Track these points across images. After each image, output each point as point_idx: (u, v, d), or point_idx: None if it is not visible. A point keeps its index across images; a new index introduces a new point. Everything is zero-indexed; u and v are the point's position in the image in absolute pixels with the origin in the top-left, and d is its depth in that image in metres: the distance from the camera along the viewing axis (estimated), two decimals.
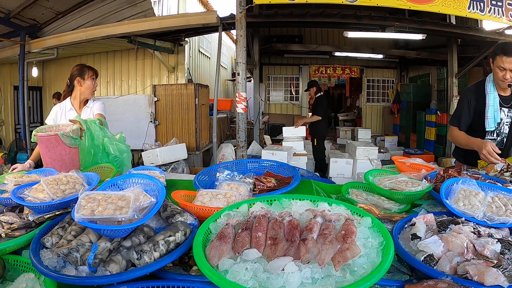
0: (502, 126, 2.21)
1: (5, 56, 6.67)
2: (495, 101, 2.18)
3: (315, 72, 10.27)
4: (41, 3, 5.65)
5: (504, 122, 2.21)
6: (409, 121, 9.20)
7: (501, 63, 2.06)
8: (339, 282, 0.85)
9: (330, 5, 5.09)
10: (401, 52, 8.91)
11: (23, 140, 6.49)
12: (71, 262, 0.99)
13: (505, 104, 2.20)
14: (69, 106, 2.56)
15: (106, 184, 1.32)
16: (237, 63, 4.45)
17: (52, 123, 2.47)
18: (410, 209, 1.56)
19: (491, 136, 2.25)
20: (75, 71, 2.57)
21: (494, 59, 2.13)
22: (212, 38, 10.71)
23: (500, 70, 2.08)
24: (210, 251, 0.96)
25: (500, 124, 2.21)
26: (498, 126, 2.21)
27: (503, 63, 2.05)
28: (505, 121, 2.20)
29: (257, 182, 1.74)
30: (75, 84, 2.56)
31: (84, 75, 2.54)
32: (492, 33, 5.76)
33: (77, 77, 2.55)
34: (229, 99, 9.47)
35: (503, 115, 2.20)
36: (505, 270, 0.92)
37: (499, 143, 2.23)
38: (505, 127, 2.21)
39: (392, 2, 4.37)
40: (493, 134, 2.25)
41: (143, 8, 5.96)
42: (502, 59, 2.05)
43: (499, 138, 2.25)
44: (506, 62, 2.04)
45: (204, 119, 6.36)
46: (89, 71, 2.57)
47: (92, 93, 2.62)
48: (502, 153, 2.13)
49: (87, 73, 2.55)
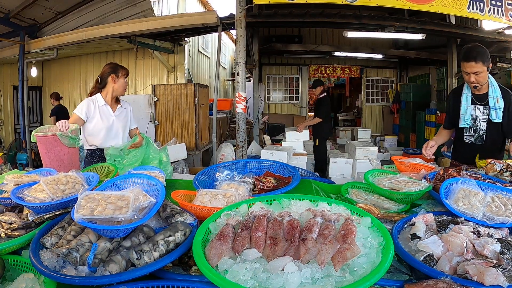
0: (478, 123, 2.33)
1: (4, 56, 6.67)
2: (468, 99, 2.32)
3: (314, 72, 10.27)
4: (40, 3, 5.65)
5: (480, 119, 2.32)
6: (409, 121, 9.20)
7: (464, 68, 2.20)
8: (338, 282, 0.85)
9: (330, 5, 5.10)
10: (400, 52, 8.91)
11: (22, 140, 6.49)
12: (70, 262, 0.99)
13: (479, 102, 2.31)
14: (102, 102, 2.60)
15: (105, 184, 1.32)
16: (237, 63, 4.45)
17: (84, 115, 2.51)
18: (409, 209, 1.56)
19: (469, 132, 2.39)
20: (108, 69, 2.64)
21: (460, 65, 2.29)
22: (211, 38, 10.71)
23: (466, 74, 2.22)
24: (210, 251, 0.96)
25: (476, 121, 2.33)
26: (475, 123, 2.34)
27: (465, 68, 2.19)
28: (481, 118, 2.31)
29: (257, 182, 1.74)
30: (108, 81, 2.61)
31: (118, 73, 2.62)
32: (492, 33, 5.77)
33: (112, 74, 2.61)
34: (228, 99, 9.47)
35: (479, 113, 2.32)
36: (504, 270, 0.93)
37: (477, 139, 2.36)
38: (482, 123, 2.32)
39: (391, 2, 4.37)
40: (470, 131, 2.39)
41: (142, 8, 5.95)
42: (464, 64, 2.19)
43: (477, 134, 2.37)
44: (467, 67, 2.17)
45: (203, 119, 6.36)
46: (122, 69, 2.65)
47: (124, 91, 2.70)
48: (484, 148, 2.31)
49: (120, 72, 2.63)
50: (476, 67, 2.14)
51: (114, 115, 2.64)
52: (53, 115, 6.76)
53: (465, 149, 2.41)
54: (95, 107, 2.56)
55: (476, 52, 2.14)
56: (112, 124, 2.62)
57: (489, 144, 2.32)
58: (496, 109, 2.23)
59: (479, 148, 2.32)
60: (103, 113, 2.59)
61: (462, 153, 2.44)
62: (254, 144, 7.20)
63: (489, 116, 2.27)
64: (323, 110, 5.88)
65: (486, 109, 2.29)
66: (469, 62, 2.15)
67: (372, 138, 8.95)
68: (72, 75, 8.45)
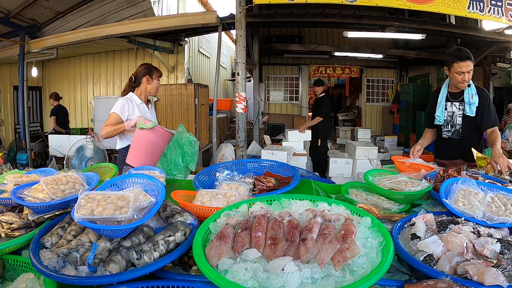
0: (455, 119, 2.47)
1: (4, 56, 6.67)
2: (442, 98, 2.49)
3: (314, 72, 10.27)
4: (40, 3, 5.65)
5: (456, 114, 2.46)
6: (409, 121, 9.20)
7: (459, 68, 2.30)
8: (338, 282, 0.85)
9: (330, 5, 5.09)
10: (400, 52, 8.91)
11: (22, 140, 6.49)
12: (70, 262, 0.99)
13: (454, 99, 2.46)
14: (138, 100, 2.67)
15: (105, 184, 1.32)
16: (237, 63, 4.44)
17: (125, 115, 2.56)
18: (409, 209, 1.56)
19: (446, 128, 2.52)
20: (143, 69, 2.69)
21: (451, 67, 2.36)
22: (211, 38, 10.71)
23: (459, 74, 2.31)
24: (210, 251, 0.96)
25: (453, 117, 2.47)
26: (451, 119, 2.48)
27: (460, 68, 2.29)
28: (457, 113, 2.45)
29: (257, 182, 1.74)
30: (142, 81, 2.67)
31: (152, 74, 2.68)
32: (492, 33, 5.77)
33: (147, 76, 2.67)
34: (228, 99, 9.47)
35: (455, 109, 2.46)
36: (504, 270, 0.93)
37: (454, 133, 2.49)
38: (458, 118, 2.46)
39: (391, 2, 4.37)
40: (447, 126, 2.52)
41: (142, 8, 5.95)
42: (459, 64, 2.29)
43: (453, 129, 2.49)
44: (463, 66, 2.28)
45: (203, 119, 6.36)
46: (156, 71, 2.71)
47: (156, 92, 2.78)
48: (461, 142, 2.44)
49: (155, 73, 2.69)
50: (471, 65, 2.29)
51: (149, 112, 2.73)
52: (52, 115, 6.77)
53: (444, 145, 2.55)
54: (133, 106, 2.62)
55: (468, 52, 2.31)
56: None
57: (466, 138, 2.43)
58: (470, 104, 2.36)
59: (457, 142, 2.47)
60: (141, 111, 2.65)
61: (442, 149, 2.57)
62: (254, 144, 7.21)
63: (464, 111, 2.40)
64: (324, 109, 5.87)
65: (461, 105, 2.42)
66: (465, 61, 2.28)
67: (372, 138, 8.95)
68: (72, 75, 8.45)
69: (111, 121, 2.53)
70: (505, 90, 7.77)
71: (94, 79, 8.32)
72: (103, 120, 6.89)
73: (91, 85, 8.37)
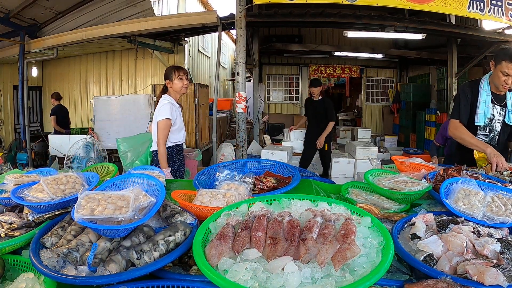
0: (494, 123, 2.28)
1: (4, 56, 6.67)
2: (487, 98, 2.25)
3: (314, 72, 10.26)
4: (40, 3, 5.65)
5: (496, 119, 2.28)
6: (409, 121, 9.20)
7: (506, 69, 2.10)
8: (338, 281, 0.85)
9: (330, 4, 5.09)
10: (400, 52, 8.91)
11: (22, 140, 6.49)
12: (70, 262, 0.99)
13: (498, 102, 2.27)
14: (176, 103, 2.82)
15: (105, 184, 1.32)
16: (237, 63, 4.44)
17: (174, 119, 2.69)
18: (409, 208, 1.56)
19: (483, 131, 2.32)
20: (164, 75, 2.80)
21: (498, 63, 2.16)
22: (211, 38, 10.71)
23: (504, 75, 2.12)
24: (210, 251, 0.96)
25: (493, 121, 2.28)
26: (491, 123, 2.28)
27: (508, 69, 2.09)
28: (497, 118, 2.27)
29: (257, 182, 1.74)
30: (168, 86, 2.80)
31: (171, 76, 2.74)
32: (492, 33, 5.77)
33: (167, 80, 2.77)
34: (228, 99, 9.47)
35: (496, 112, 2.27)
36: (504, 269, 0.92)
37: (491, 139, 2.30)
38: (497, 124, 2.27)
39: (392, 1, 4.37)
40: (485, 130, 2.32)
41: (142, 8, 5.95)
42: (508, 65, 2.09)
43: (492, 134, 2.31)
44: (511, 68, 2.08)
45: (203, 118, 6.36)
46: (175, 71, 2.75)
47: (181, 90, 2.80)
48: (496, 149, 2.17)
49: (174, 74, 2.74)
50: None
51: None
52: (53, 115, 6.78)
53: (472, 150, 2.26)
54: (174, 108, 2.74)
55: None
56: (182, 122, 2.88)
57: (501, 146, 2.29)
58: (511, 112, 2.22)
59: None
60: (179, 113, 2.83)
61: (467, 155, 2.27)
62: (254, 144, 7.21)
63: (504, 118, 2.24)
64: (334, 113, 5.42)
65: (503, 110, 2.26)
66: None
67: (372, 138, 8.94)
68: (72, 75, 8.45)
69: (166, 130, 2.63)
70: None
71: (94, 79, 8.33)
72: (103, 120, 6.90)
73: (91, 85, 8.37)
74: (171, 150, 2.77)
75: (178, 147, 2.83)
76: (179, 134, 2.83)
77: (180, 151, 2.86)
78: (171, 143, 2.76)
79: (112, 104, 6.01)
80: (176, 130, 2.79)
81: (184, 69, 2.81)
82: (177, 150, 2.83)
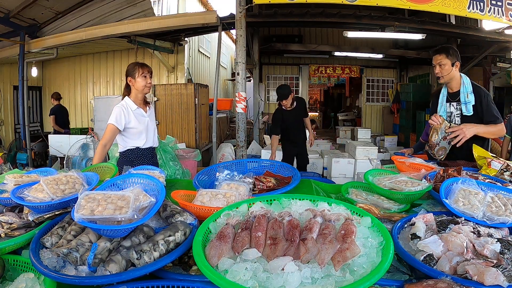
0: (453, 119, 2.48)
1: (4, 56, 6.68)
2: (443, 98, 2.52)
3: (314, 72, 10.27)
4: (40, 3, 5.65)
5: (455, 114, 2.48)
6: (409, 121, 9.20)
7: (434, 61, 2.44)
8: (338, 282, 0.85)
9: (330, 4, 5.09)
10: (400, 52, 8.91)
11: (22, 140, 6.49)
12: (70, 262, 0.99)
13: (452, 98, 2.48)
14: (134, 106, 2.58)
15: (105, 184, 1.32)
16: (237, 63, 4.44)
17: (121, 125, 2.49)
18: (409, 209, 1.56)
19: None
20: (126, 72, 2.58)
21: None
22: (211, 38, 10.71)
23: (433, 66, 2.46)
24: (210, 251, 0.96)
25: (452, 117, 2.49)
26: (450, 119, 2.49)
27: (434, 60, 2.44)
28: (455, 113, 2.47)
29: (257, 182, 1.74)
30: (130, 85, 2.59)
31: (134, 73, 2.54)
32: (492, 33, 5.77)
33: (129, 77, 2.56)
34: (228, 99, 9.47)
35: (453, 109, 2.48)
36: (504, 269, 0.92)
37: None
38: (457, 118, 2.46)
39: (392, 1, 4.36)
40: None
41: (142, 8, 5.96)
42: (432, 57, 2.45)
43: None
44: (433, 59, 2.44)
45: (203, 118, 6.36)
46: (139, 68, 2.54)
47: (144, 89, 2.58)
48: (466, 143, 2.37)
49: (137, 72, 2.53)
50: (439, 58, 2.39)
51: (146, 115, 2.66)
52: (52, 114, 6.78)
53: None
54: (128, 113, 2.54)
55: (442, 47, 2.44)
56: (147, 125, 2.64)
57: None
58: (466, 103, 2.39)
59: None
60: (137, 117, 2.58)
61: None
62: (254, 144, 7.21)
63: (461, 111, 2.43)
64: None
65: (459, 105, 2.45)
66: (435, 55, 2.44)
67: (372, 138, 8.95)
68: (72, 75, 8.45)
69: (108, 134, 2.46)
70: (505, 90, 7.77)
71: (94, 79, 8.33)
72: (103, 120, 6.91)
73: (91, 85, 8.37)
74: (131, 153, 2.60)
75: (140, 151, 2.62)
76: (139, 139, 2.60)
77: (143, 155, 2.63)
78: (131, 147, 2.60)
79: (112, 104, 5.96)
80: (135, 135, 2.58)
81: (148, 67, 2.60)
82: (139, 154, 2.62)
